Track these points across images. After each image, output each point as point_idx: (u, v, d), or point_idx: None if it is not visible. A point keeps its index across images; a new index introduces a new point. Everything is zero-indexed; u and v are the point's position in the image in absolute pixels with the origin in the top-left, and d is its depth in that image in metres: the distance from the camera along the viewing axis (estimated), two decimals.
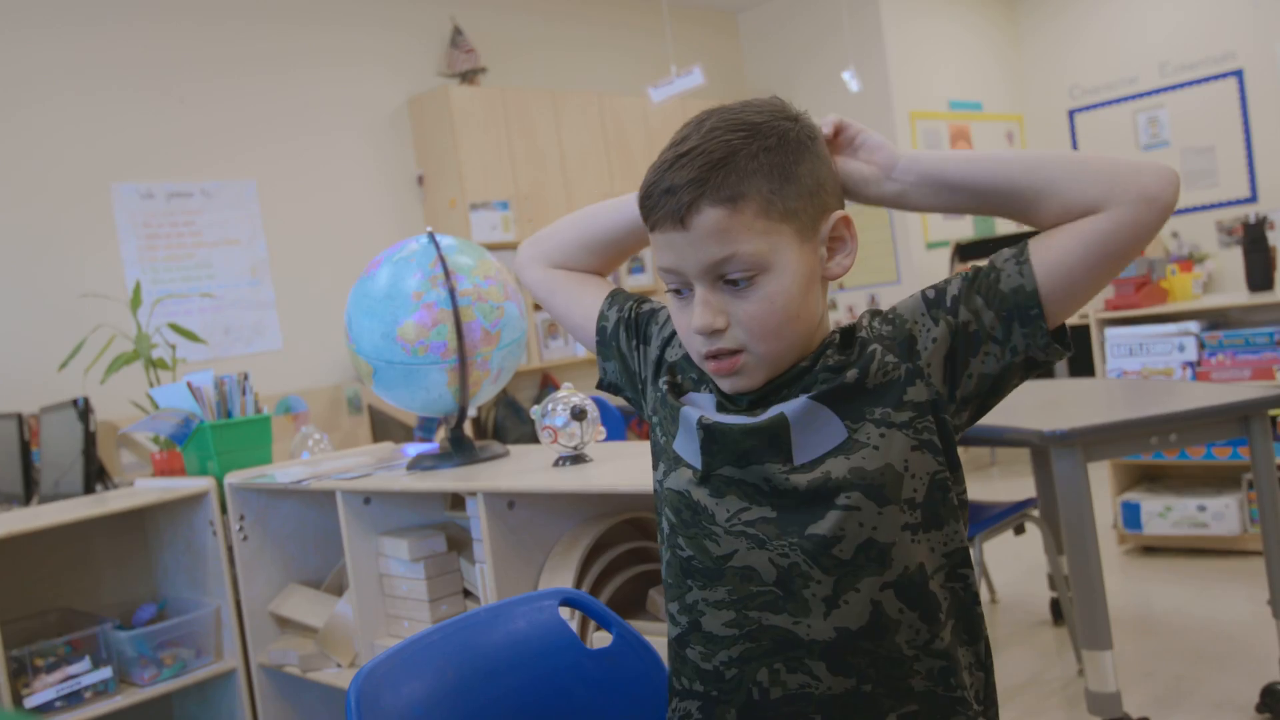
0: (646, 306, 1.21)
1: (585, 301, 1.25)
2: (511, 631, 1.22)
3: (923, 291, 1.02)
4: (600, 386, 1.27)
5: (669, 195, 0.96)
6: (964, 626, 1.02)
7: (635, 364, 1.19)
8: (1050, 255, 0.95)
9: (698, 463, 1.03)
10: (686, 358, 1.12)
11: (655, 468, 1.11)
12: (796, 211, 0.97)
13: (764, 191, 0.95)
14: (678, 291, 1.02)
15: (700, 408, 1.06)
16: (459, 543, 2.03)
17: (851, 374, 0.98)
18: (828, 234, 1.01)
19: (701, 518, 1.03)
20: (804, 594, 0.97)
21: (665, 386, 1.10)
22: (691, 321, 0.99)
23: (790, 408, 0.99)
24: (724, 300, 0.98)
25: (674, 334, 1.16)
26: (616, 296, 1.24)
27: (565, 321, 1.28)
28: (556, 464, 1.79)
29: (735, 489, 1.01)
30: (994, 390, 1.00)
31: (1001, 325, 0.96)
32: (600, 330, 1.23)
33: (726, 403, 1.05)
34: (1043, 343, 0.96)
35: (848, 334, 1.03)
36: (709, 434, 1.02)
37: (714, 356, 1.00)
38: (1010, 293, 0.96)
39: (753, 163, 0.95)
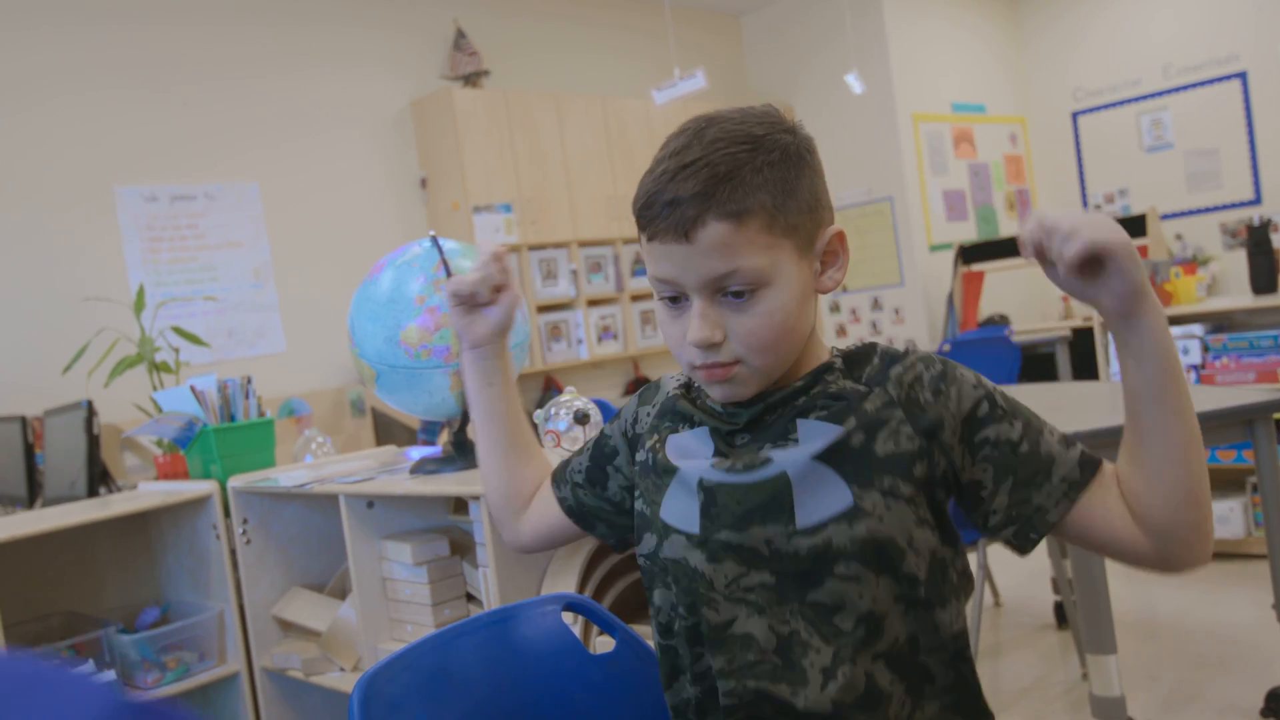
0: (595, 450, 1.20)
1: (554, 509, 1.23)
2: (514, 636, 1.22)
3: (984, 395, 0.97)
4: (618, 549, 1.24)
5: (672, 207, 0.95)
6: (966, 709, 1.00)
7: (615, 491, 1.18)
8: (1090, 512, 0.95)
9: (695, 527, 1.00)
10: (660, 413, 1.11)
11: (639, 541, 1.08)
12: (797, 227, 0.97)
13: (768, 207, 0.95)
14: (673, 299, 1.00)
15: (693, 454, 1.04)
16: (462, 547, 2.03)
17: (858, 438, 0.96)
18: (822, 248, 1.00)
19: (699, 584, 1.00)
20: (803, 663, 0.95)
21: (652, 454, 1.08)
22: (688, 334, 0.97)
23: (793, 467, 0.96)
24: (722, 314, 0.97)
25: (635, 419, 1.15)
26: (555, 479, 1.23)
27: (566, 538, 1.26)
28: None
29: (733, 554, 0.98)
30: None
31: (1002, 516, 0.97)
32: (571, 514, 1.21)
33: (719, 424, 1.03)
34: (1011, 544, 0.99)
35: (853, 360, 1.01)
36: (710, 495, 1.00)
37: (706, 368, 0.99)
38: (1034, 509, 0.96)
39: (757, 177, 0.94)
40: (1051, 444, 0.97)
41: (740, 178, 0.94)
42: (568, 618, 1.26)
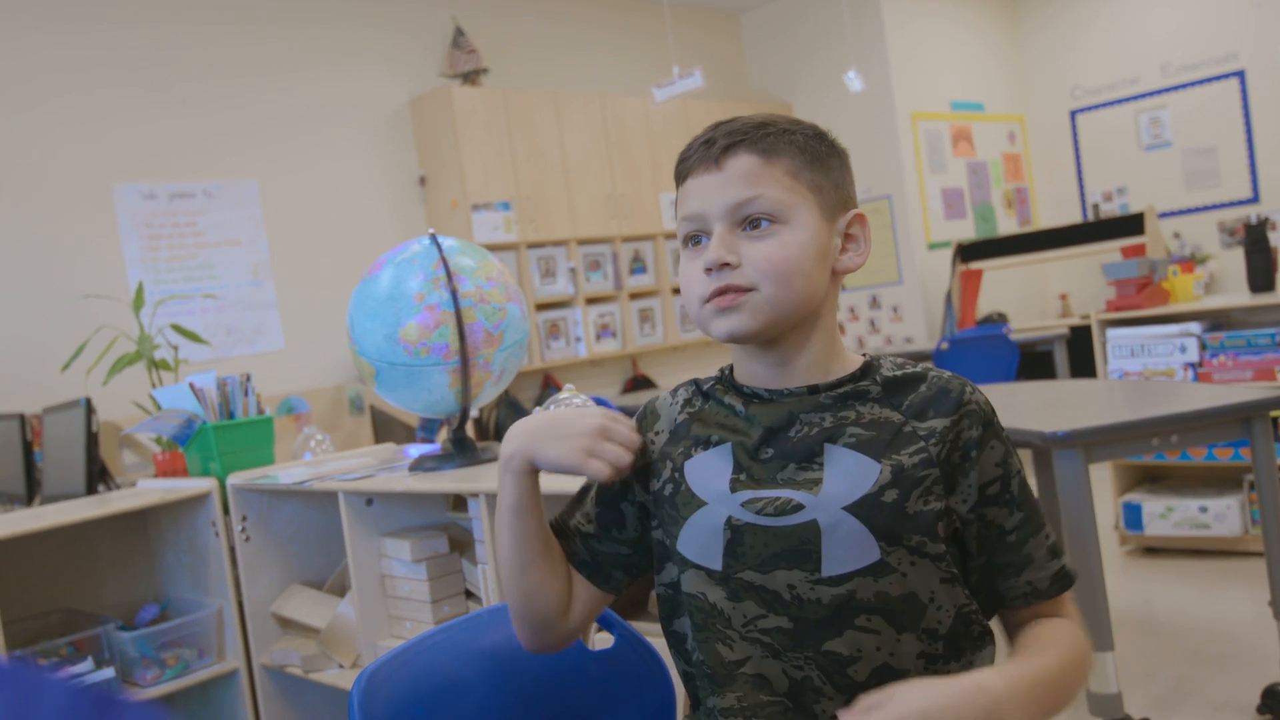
0: (601, 492, 1.12)
1: (575, 582, 1.12)
2: (513, 633, 1.22)
3: (1000, 477, 1.00)
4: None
5: (707, 145, 1.02)
6: None
7: (632, 526, 1.10)
8: (1031, 618, 1.04)
9: (716, 563, 0.99)
10: (671, 439, 1.07)
11: (660, 570, 1.07)
12: (822, 189, 1.02)
13: (797, 159, 1.02)
14: (696, 241, 1.04)
15: (715, 476, 1.01)
16: (461, 544, 2.03)
17: (891, 495, 0.96)
18: (844, 228, 1.04)
19: (716, 621, 0.99)
20: (814, 709, 0.96)
21: (672, 484, 1.04)
22: (704, 256, 1.00)
23: (824, 516, 0.96)
24: (739, 243, 1.00)
25: (642, 448, 1.08)
26: (558, 535, 1.13)
27: (603, 603, 1.15)
28: None
29: (755, 594, 0.98)
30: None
31: (973, 581, 1.02)
32: (584, 569, 1.12)
33: (741, 438, 1.01)
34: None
35: (894, 386, 1.02)
36: (737, 534, 0.99)
37: (718, 294, 1.00)
38: (992, 592, 1.03)
39: (789, 136, 1.02)
40: (1037, 548, 1.01)
41: (774, 128, 1.02)
42: None
